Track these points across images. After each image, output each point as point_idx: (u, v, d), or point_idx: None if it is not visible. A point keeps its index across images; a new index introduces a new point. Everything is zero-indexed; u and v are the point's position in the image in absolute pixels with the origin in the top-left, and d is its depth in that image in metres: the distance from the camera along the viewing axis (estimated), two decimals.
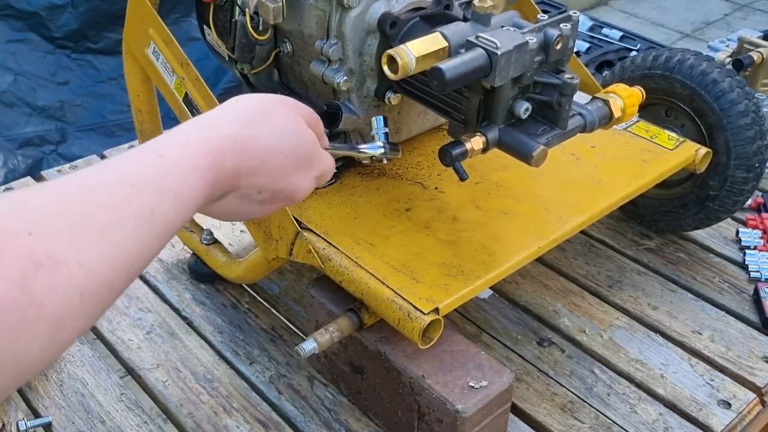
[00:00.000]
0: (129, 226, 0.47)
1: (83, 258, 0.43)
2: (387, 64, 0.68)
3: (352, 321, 0.77)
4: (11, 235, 0.40)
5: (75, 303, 0.42)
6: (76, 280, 0.42)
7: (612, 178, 0.92)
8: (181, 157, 0.53)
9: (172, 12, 2.20)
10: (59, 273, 0.41)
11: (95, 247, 0.44)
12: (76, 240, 0.43)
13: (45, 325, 0.40)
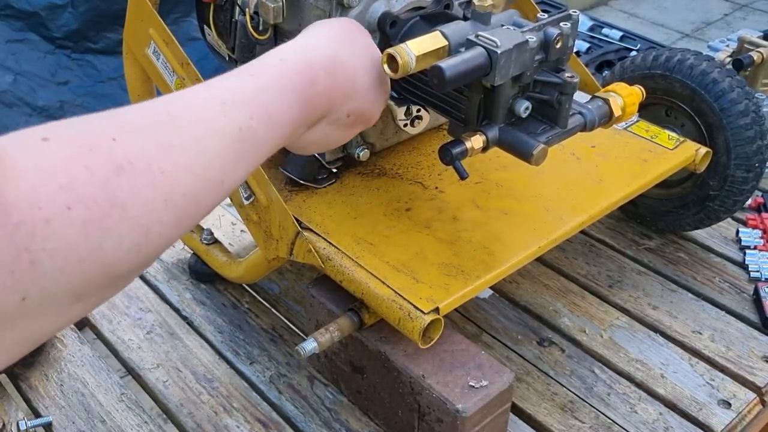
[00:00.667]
0: (214, 142, 0.47)
1: (165, 165, 0.43)
2: (387, 63, 0.68)
3: (352, 321, 0.77)
4: (95, 139, 0.41)
5: (159, 207, 0.42)
6: (159, 186, 0.42)
7: (612, 177, 0.92)
8: (274, 78, 0.54)
9: (172, 12, 2.20)
10: (140, 177, 0.41)
11: (177, 157, 0.44)
12: (159, 149, 0.43)
13: (129, 227, 0.40)
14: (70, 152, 0.39)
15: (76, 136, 0.41)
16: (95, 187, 0.39)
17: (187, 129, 0.46)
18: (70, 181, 0.38)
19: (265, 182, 0.80)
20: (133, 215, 0.40)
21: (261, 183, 0.80)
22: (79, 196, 0.38)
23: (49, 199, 0.37)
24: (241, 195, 0.83)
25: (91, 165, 0.39)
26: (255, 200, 0.82)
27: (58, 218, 0.36)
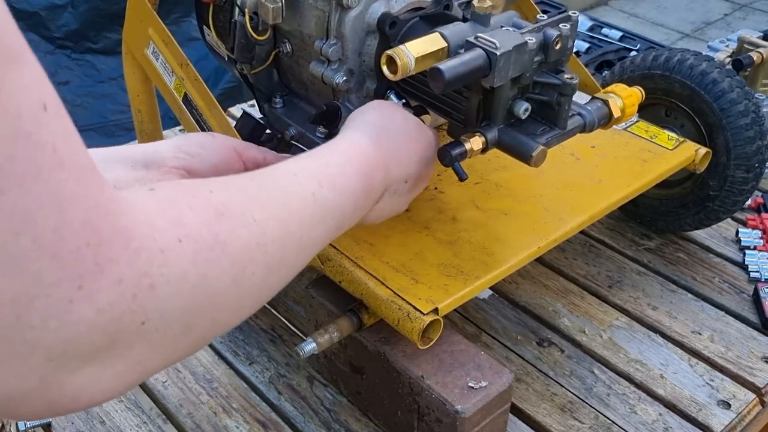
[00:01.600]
0: (293, 201, 0.53)
1: (256, 214, 0.48)
2: (386, 65, 0.68)
3: (351, 321, 0.78)
4: (195, 190, 0.46)
5: (252, 248, 0.47)
6: (252, 230, 0.47)
7: (612, 178, 0.92)
8: (330, 157, 0.61)
9: (172, 12, 2.20)
10: (237, 221, 0.46)
11: (265, 208, 0.49)
12: (249, 201, 0.49)
13: (229, 263, 0.44)
14: (175, 196, 0.44)
15: (178, 187, 0.45)
16: (200, 224, 0.43)
17: (269, 188, 0.52)
18: (178, 218, 0.42)
19: None
20: (231, 252, 0.44)
21: None
22: (187, 231, 0.41)
23: (163, 231, 0.40)
24: None
25: (195, 207, 0.44)
26: None
27: (171, 249, 0.39)
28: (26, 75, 0.32)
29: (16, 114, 0.31)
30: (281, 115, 0.91)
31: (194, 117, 0.85)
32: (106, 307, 0.35)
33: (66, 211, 0.33)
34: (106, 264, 0.35)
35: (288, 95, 0.92)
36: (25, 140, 0.31)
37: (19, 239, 0.31)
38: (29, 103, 0.32)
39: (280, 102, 0.91)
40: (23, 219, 0.31)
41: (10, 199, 0.31)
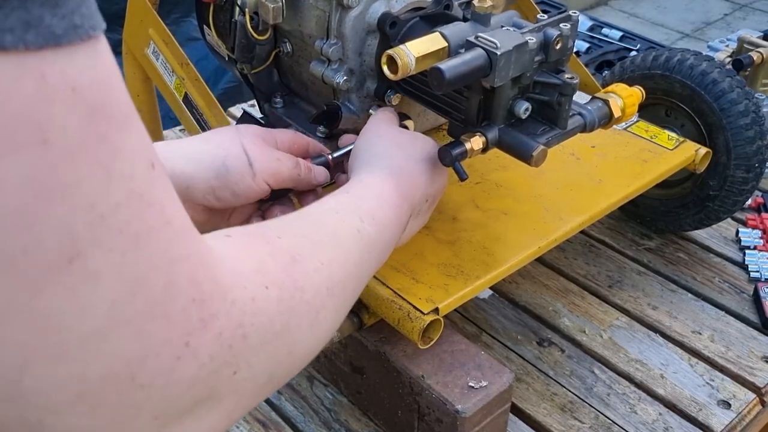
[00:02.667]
0: (347, 240, 0.55)
1: (322, 258, 0.49)
2: (386, 65, 0.68)
3: (351, 321, 0.78)
4: (266, 237, 0.47)
5: (324, 293, 0.48)
6: (323, 274, 0.48)
7: (612, 178, 0.92)
8: (361, 192, 0.64)
9: (172, 12, 2.19)
10: (310, 266, 0.47)
11: (327, 252, 0.51)
12: (313, 245, 0.50)
13: (306, 310, 0.45)
14: (252, 243, 0.45)
15: (251, 234, 0.47)
16: (280, 271, 0.44)
17: (321, 231, 0.54)
18: (260, 266, 0.42)
19: None
20: (308, 298, 0.45)
21: None
22: (271, 279, 0.42)
23: (251, 279, 0.40)
24: None
25: (272, 254, 0.45)
26: None
27: (260, 297, 0.40)
28: (136, 137, 0.32)
29: (130, 176, 0.31)
30: (281, 115, 0.91)
31: (195, 117, 0.85)
32: (208, 361, 0.35)
33: (175, 270, 0.34)
34: (209, 319, 0.35)
35: (288, 95, 0.92)
36: (138, 201, 0.32)
37: (134, 300, 0.32)
38: (141, 163, 0.32)
39: (280, 102, 0.91)
40: (138, 280, 0.32)
41: (127, 261, 0.31)
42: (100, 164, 0.30)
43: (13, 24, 0.26)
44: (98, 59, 0.30)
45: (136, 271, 0.32)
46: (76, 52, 0.29)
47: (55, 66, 0.28)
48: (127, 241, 0.31)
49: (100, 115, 0.30)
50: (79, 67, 0.29)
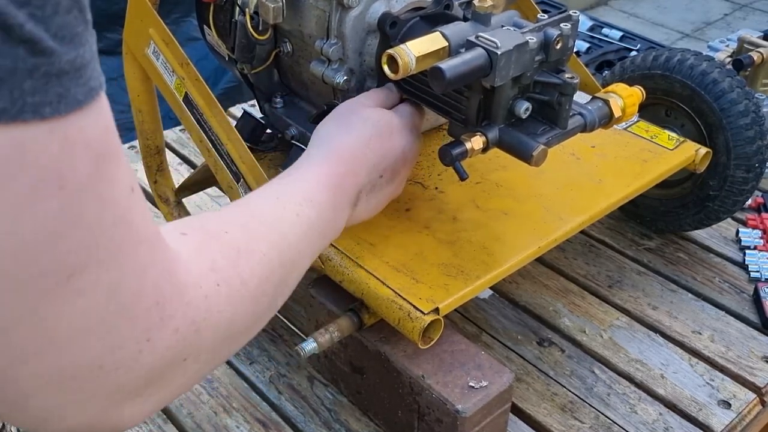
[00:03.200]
0: (287, 225, 0.60)
1: (264, 248, 0.54)
2: (387, 64, 0.68)
3: (352, 321, 0.77)
4: (216, 234, 0.52)
5: (264, 281, 0.53)
6: (263, 265, 0.53)
7: (612, 178, 0.92)
8: (301, 175, 0.67)
9: (172, 12, 2.19)
10: (253, 258, 0.52)
11: (268, 241, 0.56)
12: (256, 238, 0.55)
13: (249, 299, 0.51)
14: (206, 242, 0.50)
15: (202, 230, 0.51)
16: (229, 267, 0.49)
17: (264, 219, 0.59)
18: (213, 264, 0.48)
19: (265, 182, 0.80)
20: (250, 289, 0.51)
21: (261, 183, 0.80)
22: (222, 276, 0.48)
23: (206, 279, 0.46)
24: (241, 195, 0.83)
25: (221, 250, 0.50)
26: None
27: (212, 294, 0.46)
28: (122, 167, 0.38)
29: (117, 202, 0.37)
30: (281, 115, 0.91)
31: (195, 117, 0.85)
32: (164, 352, 0.41)
33: (143, 278, 0.39)
34: (167, 318, 0.41)
35: (288, 95, 0.92)
36: (121, 223, 0.38)
37: (109, 306, 0.38)
38: (124, 190, 0.38)
39: (280, 102, 0.91)
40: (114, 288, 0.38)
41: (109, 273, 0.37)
42: (99, 197, 0.36)
43: (52, 97, 0.32)
44: (102, 110, 0.35)
45: (114, 281, 0.37)
46: (90, 110, 0.34)
47: (75, 126, 0.34)
48: (111, 258, 0.37)
49: (102, 158, 0.36)
50: (91, 123, 0.35)
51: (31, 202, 0.33)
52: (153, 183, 1.01)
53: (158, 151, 0.99)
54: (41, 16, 0.31)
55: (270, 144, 0.95)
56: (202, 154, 0.87)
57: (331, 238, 0.70)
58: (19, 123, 0.31)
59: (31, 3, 0.30)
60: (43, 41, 0.31)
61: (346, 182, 0.69)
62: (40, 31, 0.31)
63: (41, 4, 0.31)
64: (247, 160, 0.81)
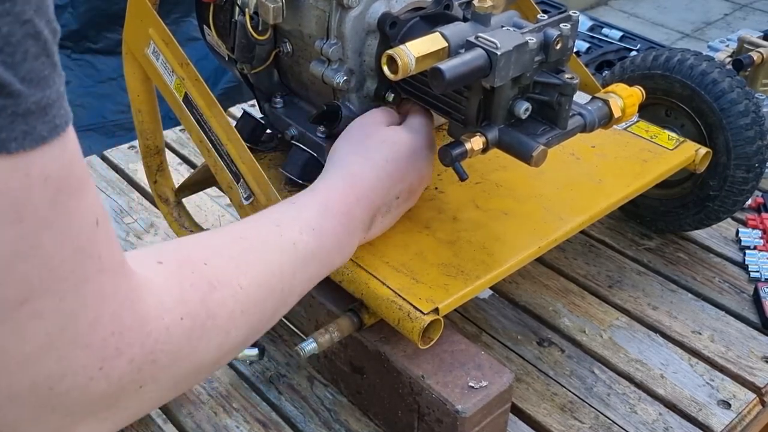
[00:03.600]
0: (275, 256, 0.60)
1: (244, 281, 0.55)
2: (387, 65, 0.68)
3: (352, 321, 0.78)
4: (194, 264, 0.52)
5: (237, 315, 0.53)
6: (238, 298, 0.54)
7: (612, 178, 0.92)
8: (308, 201, 0.67)
9: (172, 12, 2.19)
10: (227, 292, 0.53)
11: (250, 272, 0.56)
12: (237, 268, 0.55)
13: (216, 333, 0.51)
14: (179, 274, 0.50)
15: (181, 260, 0.52)
16: (197, 301, 0.50)
17: (254, 248, 0.59)
18: (181, 296, 0.48)
19: (264, 182, 0.80)
20: (220, 323, 0.51)
21: (261, 183, 0.80)
22: (188, 309, 0.48)
23: (169, 310, 0.47)
24: (240, 195, 0.83)
25: (195, 284, 0.50)
26: (255, 200, 0.82)
27: (175, 326, 0.47)
28: (87, 199, 0.39)
29: (77, 234, 0.39)
30: (281, 115, 0.91)
31: (195, 117, 0.85)
32: (117, 381, 0.42)
33: (101, 308, 0.41)
34: (124, 348, 0.42)
35: (288, 95, 0.92)
36: (81, 254, 0.39)
37: (63, 333, 0.39)
38: (87, 222, 0.39)
39: (280, 102, 0.91)
40: (71, 316, 0.39)
41: (65, 302, 0.38)
42: (58, 229, 0.37)
43: (17, 134, 0.34)
44: (66, 145, 0.37)
45: (70, 310, 0.39)
46: (52, 146, 0.36)
47: (36, 162, 0.35)
48: (68, 287, 0.38)
49: (62, 192, 0.37)
50: (53, 158, 0.36)
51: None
52: (153, 183, 1.01)
53: (158, 151, 0.99)
54: (11, 62, 0.33)
55: (270, 144, 0.95)
56: (202, 154, 0.87)
57: (339, 264, 0.70)
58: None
59: (3, 51, 0.32)
60: (12, 85, 0.33)
61: (357, 209, 0.70)
62: (9, 76, 0.33)
63: (11, 52, 0.33)
64: (247, 160, 0.81)
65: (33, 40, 0.34)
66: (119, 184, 1.22)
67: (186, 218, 1.01)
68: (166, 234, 1.11)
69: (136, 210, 1.17)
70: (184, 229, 1.00)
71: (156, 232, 1.12)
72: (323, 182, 0.71)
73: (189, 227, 1.01)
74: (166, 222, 1.02)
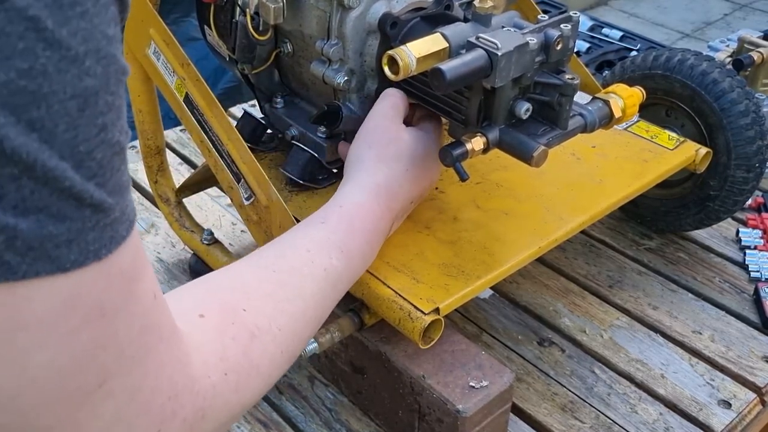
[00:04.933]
0: (309, 287, 0.62)
1: (281, 322, 0.57)
2: (387, 65, 0.68)
3: (352, 321, 0.78)
4: (234, 313, 0.54)
5: (278, 358, 0.56)
6: (278, 341, 0.56)
7: (612, 178, 0.92)
8: (337, 221, 0.68)
9: (172, 12, 2.19)
10: (267, 339, 0.55)
11: (287, 310, 0.58)
12: (274, 309, 0.57)
13: (259, 380, 0.54)
14: (221, 328, 0.52)
15: (221, 311, 0.53)
16: (240, 354, 0.52)
17: (288, 282, 0.60)
18: (224, 353, 0.50)
19: (265, 182, 0.80)
20: (263, 372, 0.54)
21: (261, 183, 0.80)
22: (231, 365, 0.50)
23: (215, 369, 0.49)
24: (241, 195, 0.83)
25: (236, 336, 0.52)
26: (255, 200, 0.82)
27: (221, 383, 0.49)
28: (148, 279, 0.42)
29: (143, 313, 0.41)
30: (282, 115, 0.91)
31: (195, 117, 0.85)
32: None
33: (160, 375, 0.43)
34: (178, 410, 0.44)
35: (289, 95, 0.92)
36: (146, 331, 0.41)
37: (130, 406, 0.41)
38: (149, 299, 0.42)
39: (281, 102, 0.91)
40: (137, 389, 0.41)
41: (132, 377, 0.41)
42: (130, 314, 0.40)
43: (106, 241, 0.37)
44: (135, 234, 0.40)
45: (136, 383, 0.41)
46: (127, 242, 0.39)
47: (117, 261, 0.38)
48: (135, 363, 0.41)
49: (133, 281, 0.40)
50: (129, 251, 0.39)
51: (77, 333, 0.37)
52: (153, 183, 1.01)
53: (159, 151, 0.99)
54: (102, 182, 0.36)
55: (270, 144, 0.96)
56: (203, 154, 0.87)
57: (360, 274, 0.71)
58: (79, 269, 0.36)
59: (97, 174, 0.36)
60: (105, 202, 0.36)
61: (383, 222, 0.72)
62: (102, 194, 0.36)
63: (103, 173, 0.36)
64: (248, 161, 0.81)
65: (118, 156, 0.37)
66: None
67: (186, 218, 1.01)
68: (166, 234, 1.11)
69: (136, 210, 1.17)
70: (185, 229, 1.00)
71: (157, 232, 1.12)
72: (350, 195, 0.71)
73: (189, 227, 1.01)
74: (167, 222, 1.02)
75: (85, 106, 0.34)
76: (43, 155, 0.33)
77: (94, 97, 0.35)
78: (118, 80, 0.37)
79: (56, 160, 0.34)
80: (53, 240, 0.35)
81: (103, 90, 0.36)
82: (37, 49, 0.32)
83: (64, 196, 0.34)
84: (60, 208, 0.34)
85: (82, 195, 0.35)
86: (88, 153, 0.35)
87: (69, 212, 0.35)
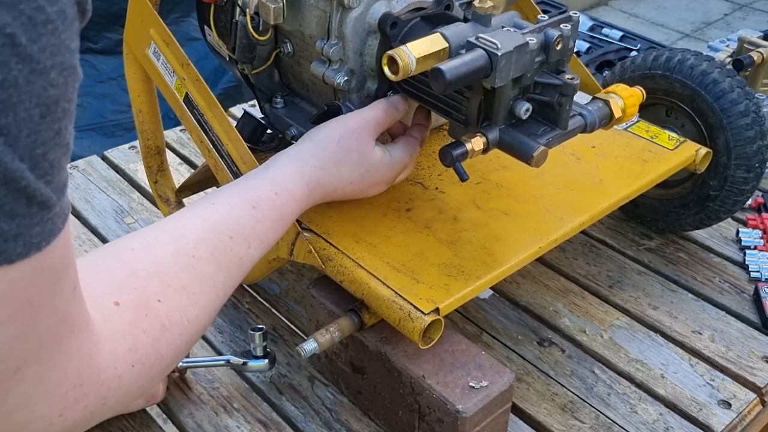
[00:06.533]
0: (223, 277, 0.63)
1: (191, 315, 0.58)
2: (387, 65, 0.68)
3: (352, 321, 0.78)
4: (147, 303, 0.55)
5: (182, 348, 0.58)
6: (186, 333, 0.58)
7: (612, 178, 0.92)
8: (269, 211, 0.69)
9: (172, 12, 2.19)
10: (176, 331, 0.56)
11: (199, 305, 0.59)
12: (189, 300, 0.58)
13: (161, 369, 0.56)
14: (134, 320, 0.53)
15: (136, 301, 0.54)
16: (149, 347, 0.53)
17: (204, 272, 0.61)
18: (134, 345, 0.52)
19: None
20: (166, 361, 0.56)
21: None
22: (139, 356, 0.52)
23: (123, 360, 0.51)
24: None
25: (147, 329, 0.54)
26: None
27: (127, 374, 0.51)
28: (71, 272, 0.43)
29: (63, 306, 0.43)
30: (282, 115, 0.91)
31: (195, 117, 0.85)
32: (72, 423, 0.48)
33: (68, 366, 0.45)
34: (81, 398, 0.47)
35: (289, 95, 0.92)
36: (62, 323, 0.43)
37: (36, 391, 0.43)
38: (69, 292, 0.43)
39: (281, 102, 0.91)
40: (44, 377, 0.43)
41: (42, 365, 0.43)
42: (53, 307, 0.42)
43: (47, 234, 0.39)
44: (62, 239, 0.41)
45: (45, 372, 0.43)
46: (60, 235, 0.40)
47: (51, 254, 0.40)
48: (48, 353, 0.43)
49: (59, 276, 0.42)
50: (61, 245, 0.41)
51: (6, 324, 0.39)
52: (153, 183, 1.01)
53: (159, 151, 0.99)
54: (51, 180, 0.38)
55: (270, 144, 0.96)
56: (203, 154, 0.87)
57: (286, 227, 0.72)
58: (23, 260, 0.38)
59: (47, 173, 0.38)
60: (51, 200, 0.38)
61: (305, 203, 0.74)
62: (49, 192, 0.38)
63: (52, 172, 0.38)
64: (248, 161, 0.81)
65: (65, 156, 0.39)
66: (120, 184, 1.22)
67: None
68: None
69: (136, 210, 1.17)
70: None
71: None
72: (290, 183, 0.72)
73: None
74: None
75: (46, 113, 0.37)
76: (6, 158, 0.35)
77: (54, 105, 0.37)
78: (74, 88, 0.39)
79: (17, 162, 0.36)
80: (3, 235, 0.37)
81: (63, 98, 0.38)
82: (11, 63, 0.34)
83: (18, 195, 0.36)
84: (13, 206, 0.36)
85: (34, 193, 0.37)
86: (44, 155, 0.37)
87: (20, 210, 0.37)
